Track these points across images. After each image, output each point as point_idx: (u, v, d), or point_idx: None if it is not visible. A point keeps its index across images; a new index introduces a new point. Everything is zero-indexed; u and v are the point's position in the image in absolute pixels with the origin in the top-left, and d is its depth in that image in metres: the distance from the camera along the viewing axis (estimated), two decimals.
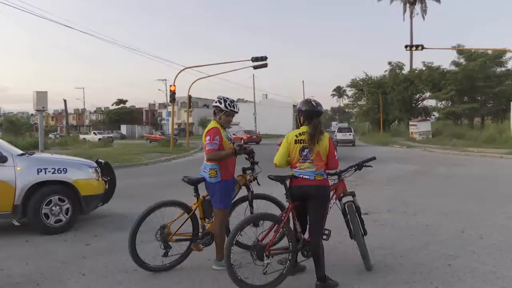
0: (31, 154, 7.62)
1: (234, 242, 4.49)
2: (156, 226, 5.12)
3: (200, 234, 5.30)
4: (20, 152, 7.46)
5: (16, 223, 7.13)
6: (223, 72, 40.87)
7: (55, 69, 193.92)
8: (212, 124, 5.13)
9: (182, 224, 5.22)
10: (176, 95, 31.96)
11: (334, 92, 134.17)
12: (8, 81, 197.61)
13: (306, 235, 4.75)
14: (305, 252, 4.76)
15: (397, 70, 59.97)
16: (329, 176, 4.91)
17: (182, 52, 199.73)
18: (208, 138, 4.98)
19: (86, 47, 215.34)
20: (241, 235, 4.61)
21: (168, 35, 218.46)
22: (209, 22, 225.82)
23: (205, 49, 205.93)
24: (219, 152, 4.99)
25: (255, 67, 31.73)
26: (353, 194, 5.31)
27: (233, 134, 41.59)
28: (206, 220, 5.30)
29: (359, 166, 5.44)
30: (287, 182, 4.70)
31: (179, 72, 32.29)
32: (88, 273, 5.21)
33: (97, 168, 7.89)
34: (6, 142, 7.89)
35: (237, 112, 5.23)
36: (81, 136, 53.93)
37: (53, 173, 7.14)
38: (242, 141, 36.29)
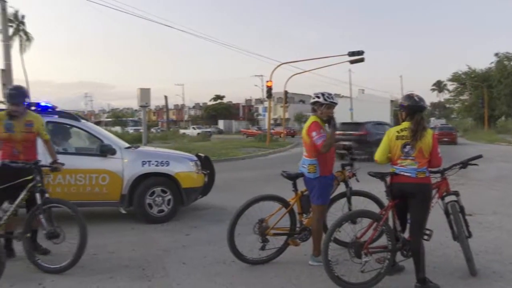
0: (137, 148, 8.06)
1: (332, 239, 4.46)
2: (254, 220, 5.20)
3: (297, 229, 5.32)
4: (127, 145, 7.92)
5: (123, 211, 7.55)
6: (319, 68, 40.54)
7: (157, 67, 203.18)
8: (312, 118, 5.10)
9: (280, 219, 5.26)
10: (272, 91, 32.16)
11: (434, 87, 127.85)
12: (115, 79, 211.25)
13: (406, 234, 4.60)
14: (405, 252, 4.60)
15: (505, 62, 56.08)
16: (431, 174, 4.72)
17: (278, 48, 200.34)
18: (314, 133, 4.93)
19: (185, 45, 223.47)
20: (339, 231, 4.58)
21: (264, 31, 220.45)
22: (305, 18, 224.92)
23: (301, 45, 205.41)
24: (328, 140, 4.92)
25: (352, 62, 31.17)
26: (456, 194, 5.06)
27: (272, 129, 42.17)
28: (304, 215, 5.31)
29: (464, 164, 5.17)
30: (388, 179, 4.59)
31: (275, 68, 32.51)
32: (188, 262, 5.41)
33: (197, 162, 8.12)
34: (114, 135, 8.41)
35: (336, 103, 5.15)
36: (181, 131, 55.81)
37: (156, 165, 7.49)
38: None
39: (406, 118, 4.57)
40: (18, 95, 5.31)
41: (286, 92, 37.61)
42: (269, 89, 31.32)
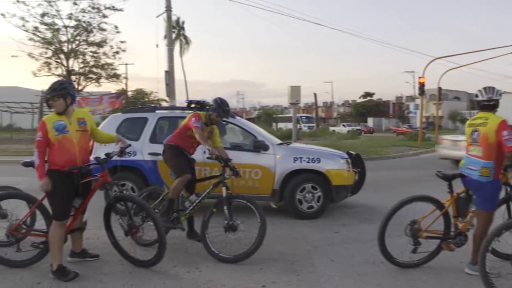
0: (288, 144, 8.26)
1: (489, 249, 4.11)
2: (406, 221, 5.02)
3: (452, 233, 5.03)
4: (279, 141, 8.16)
5: (274, 206, 7.81)
6: (477, 61, 37.47)
7: (306, 65, 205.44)
8: (499, 117, 4.71)
9: (434, 221, 5.01)
10: (425, 87, 30.69)
11: None
12: (266, 78, 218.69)
13: None
14: None
15: None
16: None
17: (431, 42, 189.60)
18: (506, 132, 4.53)
19: (335, 42, 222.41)
20: (497, 241, 4.17)
21: (416, 25, 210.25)
22: (460, 9, 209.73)
23: (456, 38, 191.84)
24: None
25: None
26: None
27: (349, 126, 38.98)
28: (459, 219, 4.99)
29: None
30: None
31: (428, 64, 30.94)
32: (336, 259, 5.44)
33: (348, 159, 8.05)
34: (267, 132, 8.73)
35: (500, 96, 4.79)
36: (331, 128, 55.77)
37: (307, 162, 7.59)
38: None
39: None
40: (229, 112, 6.33)
41: (440, 89, 35.52)
42: (422, 85, 29.95)
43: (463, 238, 4.95)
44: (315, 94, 62.65)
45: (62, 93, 4.75)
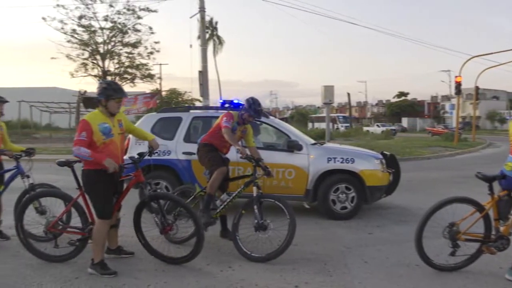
0: (322, 144, 8.21)
1: None
2: (444, 223, 4.89)
3: (492, 236, 4.87)
4: (313, 141, 8.11)
5: (307, 206, 7.77)
6: None
7: (339, 65, 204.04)
8: None
9: (473, 224, 4.85)
10: (461, 87, 30.02)
11: None
12: (299, 78, 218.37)
13: None
14: None
15: None
16: None
17: (469, 40, 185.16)
18: None
19: (368, 41, 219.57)
20: None
21: (452, 22, 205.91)
22: (498, 5, 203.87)
23: (496, 35, 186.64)
24: None
25: None
26: None
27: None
28: (501, 221, 4.82)
29: None
30: None
31: (465, 62, 30.26)
32: (370, 261, 5.36)
33: (382, 160, 7.95)
34: (300, 132, 8.68)
35: None
36: (364, 128, 55.25)
37: (341, 162, 7.51)
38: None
39: None
40: (261, 112, 6.20)
41: (477, 88, 34.76)
42: (458, 84, 29.29)
43: (505, 242, 4.77)
44: (348, 94, 62.29)
45: None
